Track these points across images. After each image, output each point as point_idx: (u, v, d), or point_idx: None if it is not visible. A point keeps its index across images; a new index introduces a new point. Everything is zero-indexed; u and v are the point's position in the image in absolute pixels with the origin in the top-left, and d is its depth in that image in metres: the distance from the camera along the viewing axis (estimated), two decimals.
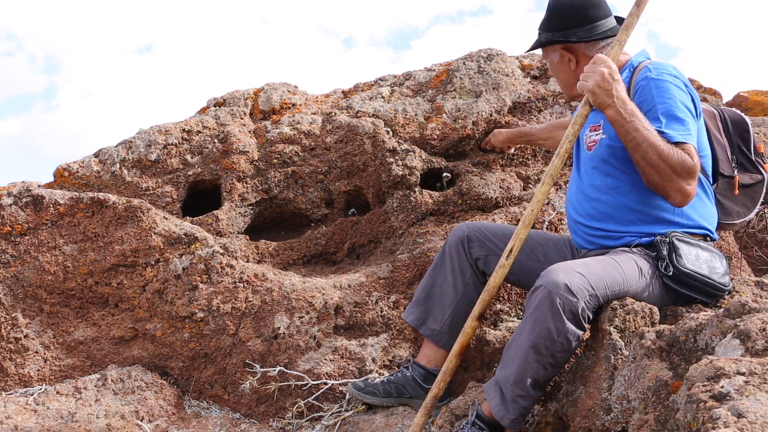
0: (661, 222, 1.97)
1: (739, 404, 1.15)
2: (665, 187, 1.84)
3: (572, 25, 2.10)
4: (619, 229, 2.00)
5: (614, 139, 1.97)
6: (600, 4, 2.12)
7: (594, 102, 1.88)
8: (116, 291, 2.73)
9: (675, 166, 1.80)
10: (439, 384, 1.97)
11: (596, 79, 1.86)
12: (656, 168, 1.81)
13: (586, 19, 2.09)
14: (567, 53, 2.14)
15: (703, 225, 2.02)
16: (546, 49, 2.21)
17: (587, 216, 2.07)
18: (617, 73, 1.87)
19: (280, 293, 2.65)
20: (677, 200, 1.87)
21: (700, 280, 1.91)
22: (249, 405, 2.57)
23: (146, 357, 2.70)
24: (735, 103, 4.24)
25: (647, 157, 1.81)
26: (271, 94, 3.27)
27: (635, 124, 1.82)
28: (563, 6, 2.11)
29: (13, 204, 2.76)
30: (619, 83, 1.86)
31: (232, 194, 2.96)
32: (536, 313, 1.76)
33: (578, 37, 2.10)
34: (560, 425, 1.92)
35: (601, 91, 1.85)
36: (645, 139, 1.80)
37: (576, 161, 2.21)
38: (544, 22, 2.18)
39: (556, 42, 2.14)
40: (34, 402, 2.49)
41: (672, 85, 1.93)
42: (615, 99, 1.84)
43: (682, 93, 1.93)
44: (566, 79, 2.20)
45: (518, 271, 2.29)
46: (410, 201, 2.92)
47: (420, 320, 2.36)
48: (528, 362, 1.78)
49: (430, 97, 3.18)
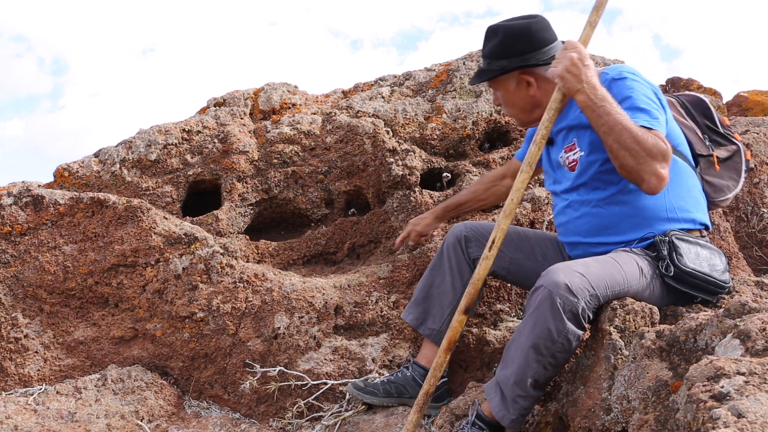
0: (658, 222, 1.97)
1: (739, 404, 1.15)
2: (640, 170, 1.79)
3: (529, 49, 2.05)
4: (618, 240, 2.00)
5: (593, 152, 1.96)
6: (549, 28, 2.09)
7: (564, 87, 1.86)
8: (116, 291, 2.73)
9: (650, 149, 1.76)
10: (429, 380, 1.97)
11: (565, 64, 1.83)
12: (630, 151, 1.77)
13: (542, 41, 2.06)
14: (526, 76, 2.08)
15: (697, 218, 2.02)
16: (498, 79, 2.11)
17: (583, 233, 2.05)
18: (587, 59, 1.84)
19: (280, 293, 2.65)
20: (652, 184, 1.80)
21: (701, 278, 1.92)
22: (249, 405, 2.57)
23: (146, 357, 2.70)
24: (735, 103, 4.24)
25: (621, 140, 1.77)
26: (271, 94, 3.27)
27: (606, 108, 1.79)
28: (517, 32, 2.06)
29: (13, 204, 2.76)
30: (589, 69, 1.83)
31: (232, 194, 2.96)
32: (537, 313, 1.76)
33: (536, 60, 2.05)
34: (560, 425, 1.92)
35: (570, 76, 1.82)
36: (618, 123, 1.77)
37: (554, 187, 2.17)
38: (495, 51, 2.08)
39: (514, 68, 2.07)
40: (34, 402, 2.49)
41: (632, 81, 1.92)
42: (584, 84, 1.81)
43: (643, 87, 1.92)
44: (524, 104, 2.12)
45: (517, 271, 2.29)
46: (410, 201, 2.92)
47: (419, 320, 2.37)
48: (528, 362, 1.78)
49: (430, 97, 3.18)
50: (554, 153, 2.13)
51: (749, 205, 3.17)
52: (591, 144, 1.97)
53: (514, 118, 2.24)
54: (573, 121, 2.02)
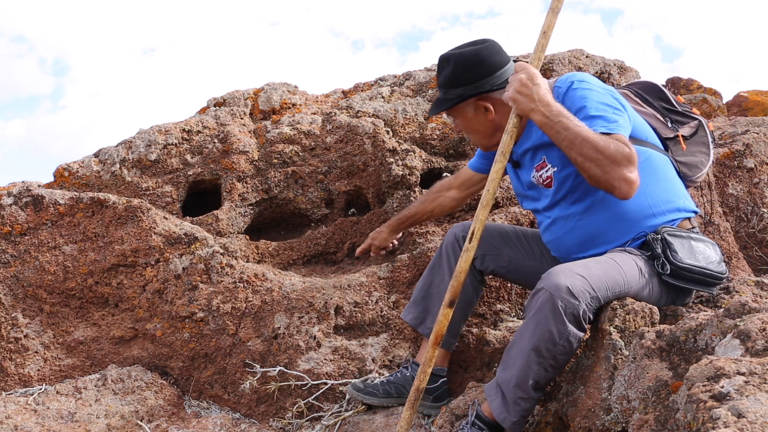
0: (644, 219, 1.97)
1: (739, 404, 1.15)
2: (608, 178, 1.78)
3: (482, 75, 2.04)
4: (609, 247, 1.99)
5: (566, 167, 1.96)
6: (501, 51, 2.08)
7: (518, 109, 1.86)
8: (116, 291, 2.73)
9: (613, 155, 1.75)
10: (420, 376, 1.97)
11: (515, 87, 1.84)
12: (595, 161, 1.76)
13: (494, 66, 2.05)
14: (482, 102, 2.07)
15: (682, 205, 2.02)
16: (455, 107, 2.10)
17: (574, 248, 2.04)
18: (538, 77, 1.84)
19: (280, 293, 2.65)
20: (623, 190, 1.79)
21: (698, 272, 1.92)
22: (249, 405, 2.57)
23: (146, 357, 2.70)
24: (735, 103, 4.25)
25: (583, 152, 1.76)
26: (271, 94, 3.27)
27: (564, 123, 1.79)
28: (469, 59, 2.04)
29: (13, 204, 2.76)
30: (540, 87, 1.83)
31: (232, 194, 2.96)
32: (538, 315, 1.76)
33: (491, 85, 2.04)
34: (560, 425, 1.92)
35: (521, 96, 1.83)
36: (577, 135, 1.77)
37: (534, 205, 2.16)
38: (449, 80, 2.07)
39: (470, 96, 2.06)
40: (34, 402, 2.49)
41: (583, 90, 1.92)
42: (537, 102, 1.81)
43: (594, 92, 1.91)
44: (485, 130, 2.12)
45: (517, 269, 2.30)
46: (410, 201, 2.92)
47: (418, 319, 2.37)
48: (530, 365, 1.78)
49: (430, 97, 3.18)
50: (524, 175, 2.13)
51: (749, 205, 3.17)
52: (561, 158, 1.96)
53: (476, 145, 2.24)
54: (537, 141, 2.02)
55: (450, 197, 2.55)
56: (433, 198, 2.58)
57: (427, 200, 2.60)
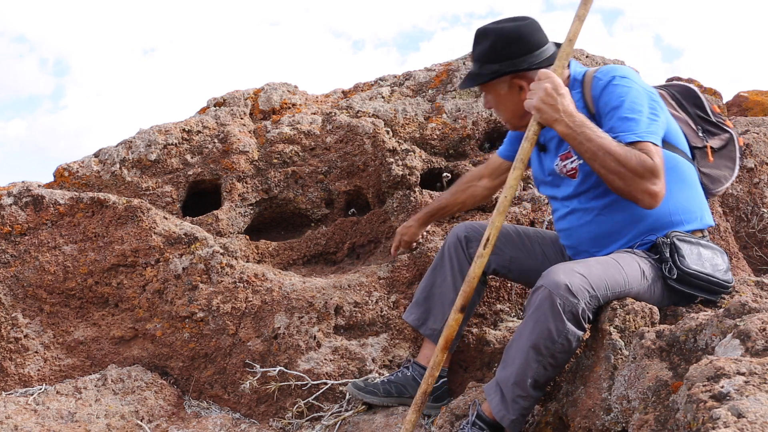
0: (663, 227, 1.96)
1: (739, 404, 1.15)
2: (631, 191, 1.78)
3: (521, 53, 2.00)
4: (621, 246, 1.99)
5: None
6: (540, 30, 2.05)
7: (541, 119, 1.84)
8: (116, 291, 2.73)
9: (635, 168, 1.75)
10: (427, 380, 1.97)
11: (540, 96, 1.81)
12: (617, 174, 1.76)
13: (534, 44, 2.01)
14: (518, 81, 2.03)
15: (701, 218, 2.02)
16: (489, 83, 2.05)
17: (587, 242, 2.04)
18: (562, 87, 1.82)
19: (280, 293, 2.65)
20: (646, 202, 1.79)
21: (704, 279, 1.91)
22: (249, 405, 2.57)
23: (146, 357, 2.70)
24: (735, 103, 4.24)
25: (606, 164, 1.76)
26: (271, 94, 3.27)
27: (587, 134, 1.77)
28: (509, 34, 2.00)
29: (13, 204, 2.76)
30: (564, 97, 1.81)
31: (232, 194, 2.96)
32: (537, 313, 1.76)
33: (529, 63, 2.00)
34: (560, 425, 1.92)
35: (546, 107, 1.80)
36: (600, 147, 1.76)
37: (553, 192, 2.15)
38: (486, 54, 2.02)
39: (506, 72, 2.02)
40: (34, 402, 2.49)
41: (622, 88, 1.88)
42: (561, 113, 1.79)
43: (632, 92, 1.88)
44: (516, 109, 2.08)
45: (518, 269, 2.29)
46: (410, 201, 2.92)
47: (420, 320, 2.37)
48: (528, 363, 1.78)
49: (430, 97, 3.18)
50: (547, 161, 2.12)
51: (749, 205, 3.17)
52: None
53: (504, 122, 2.21)
54: None
55: (482, 186, 2.52)
56: (464, 188, 2.55)
57: (457, 191, 2.57)
